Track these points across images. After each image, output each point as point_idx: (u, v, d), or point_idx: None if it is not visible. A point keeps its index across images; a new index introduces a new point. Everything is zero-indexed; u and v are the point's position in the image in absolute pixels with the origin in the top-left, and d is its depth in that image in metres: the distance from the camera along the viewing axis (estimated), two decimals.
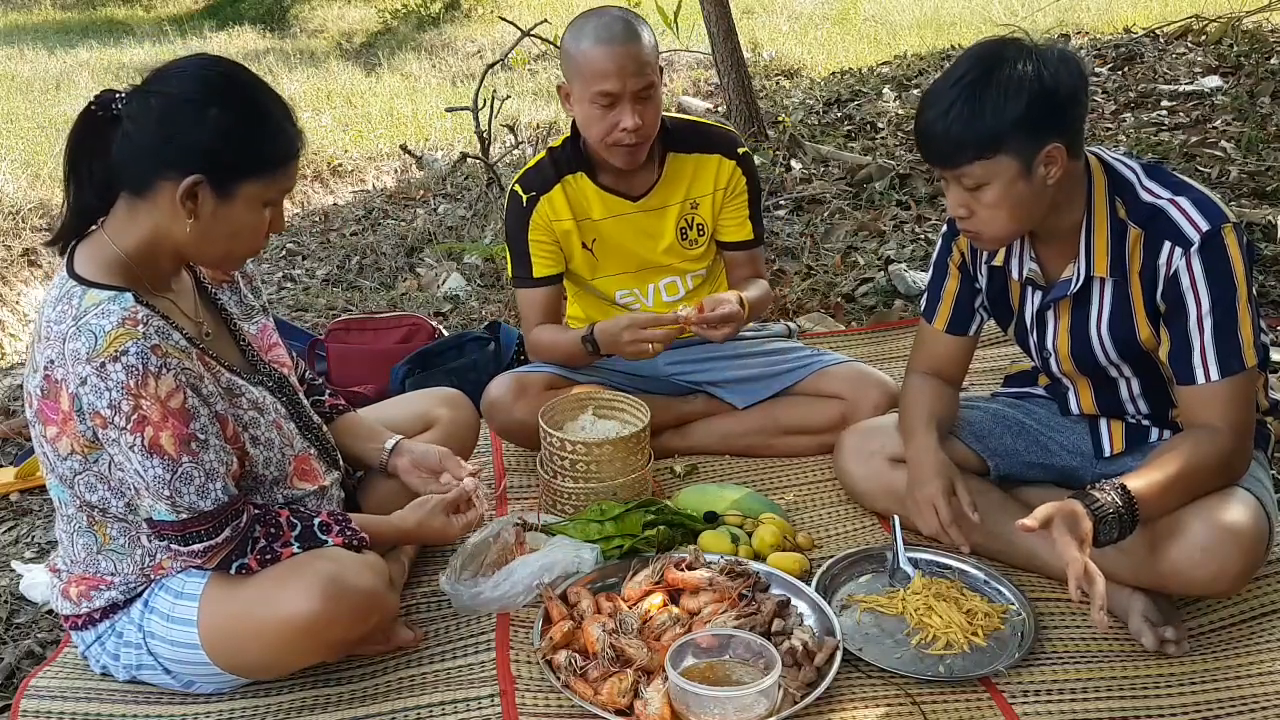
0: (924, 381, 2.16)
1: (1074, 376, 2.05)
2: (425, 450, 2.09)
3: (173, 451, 1.58)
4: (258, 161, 1.63)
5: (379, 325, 3.26)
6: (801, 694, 1.72)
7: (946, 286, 2.15)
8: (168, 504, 1.61)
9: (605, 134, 2.34)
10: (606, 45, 2.28)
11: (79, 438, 1.62)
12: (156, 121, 1.58)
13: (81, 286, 1.61)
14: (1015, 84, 1.72)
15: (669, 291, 2.63)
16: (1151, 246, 1.82)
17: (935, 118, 1.76)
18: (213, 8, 14.62)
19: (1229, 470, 1.83)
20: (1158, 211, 1.82)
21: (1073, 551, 1.62)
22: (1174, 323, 1.83)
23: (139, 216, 1.64)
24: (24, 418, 3.13)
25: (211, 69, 1.64)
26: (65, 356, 1.57)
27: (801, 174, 5.04)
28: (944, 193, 1.89)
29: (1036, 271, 1.97)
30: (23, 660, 2.07)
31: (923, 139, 1.82)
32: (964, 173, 1.78)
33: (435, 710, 1.78)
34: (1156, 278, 1.83)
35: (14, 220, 4.95)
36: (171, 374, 1.58)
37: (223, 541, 1.66)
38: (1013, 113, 1.72)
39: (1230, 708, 1.72)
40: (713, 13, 5.41)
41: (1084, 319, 1.95)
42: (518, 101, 7.34)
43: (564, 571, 2.04)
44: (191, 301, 1.80)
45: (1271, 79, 5.54)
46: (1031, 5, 8.69)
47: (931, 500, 1.94)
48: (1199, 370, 1.81)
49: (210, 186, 1.60)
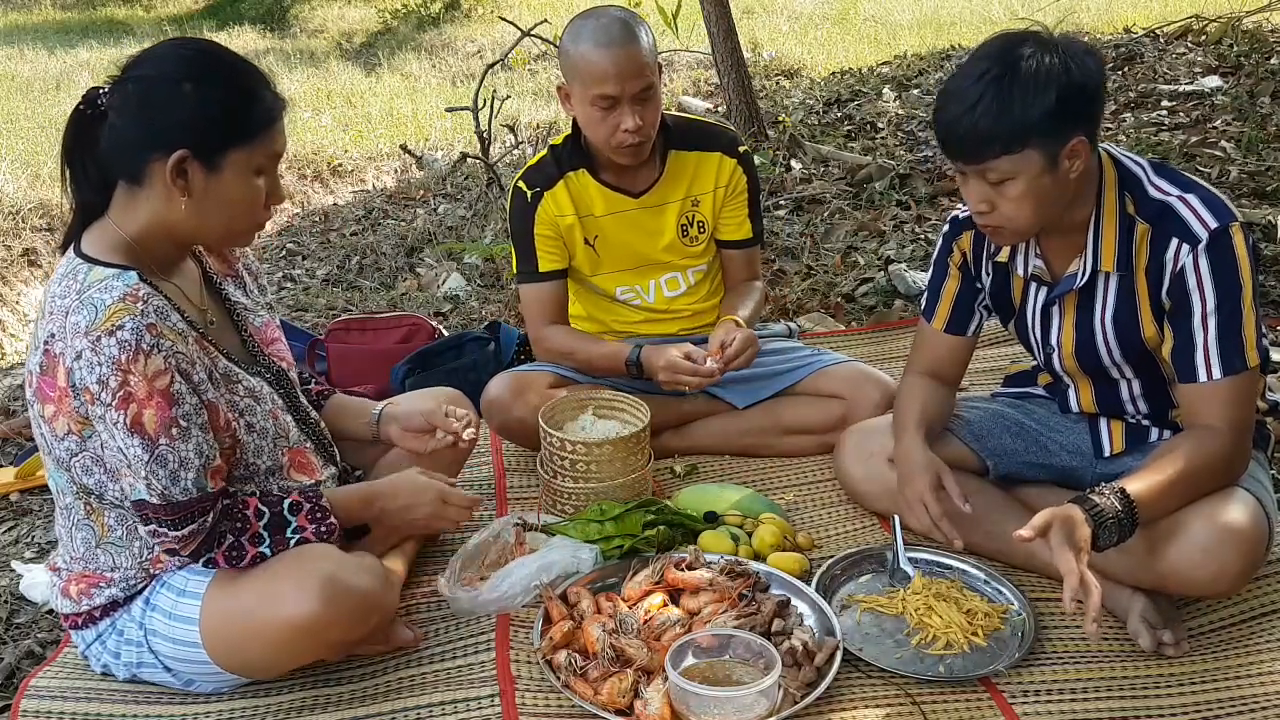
0: (918, 382, 2.16)
1: (1075, 374, 2.05)
2: (408, 414, 2.08)
3: (152, 432, 1.59)
4: (239, 129, 1.64)
5: (379, 325, 3.26)
6: (801, 694, 1.72)
7: (946, 286, 2.14)
8: (145, 484, 1.62)
9: (608, 136, 2.36)
10: (605, 48, 2.28)
11: (74, 415, 1.63)
12: (136, 106, 1.62)
13: (88, 264, 1.64)
14: (1044, 76, 1.70)
15: (670, 287, 2.63)
16: (1159, 243, 1.82)
17: (961, 112, 1.74)
18: (213, 8, 14.62)
19: (1229, 471, 1.83)
20: (1166, 208, 1.81)
21: (1070, 561, 1.61)
22: (1178, 320, 1.83)
23: (138, 203, 1.67)
24: (24, 418, 3.14)
25: (183, 47, 1.68)
26: (66, 330, 1.59)
27: (801, 174, 5.04)
28: (960, 189, 1.87)
29: (1042, 268, 1.97)
30: (23, 660, 2.07)
31: (947, 134, 1.79)
32: (989, 167, 1.76)
33: (435, 710, 1.78)
34: (1163, 274, 1.82)
35: (14, 220, 4.95)
36: (162, 355, 1.59)
37: (188, 534, 1.67)
38: (1042, 105, 1.70)
39: (1230, 708, 1.72)
40: (713, 13, 5.41)
41: (1089, 314, 1.95)
42: (518, 101, 7.34)
43: (563, 572, 2.04)
44: (198, 290, 1.81)
45: (1271, 79, 5.54)
46: (1031, 5, 8.69)
47: (920, 496, 1.94)
48: (1201, 368, 1.81)
49: (197, 160, 1.62)
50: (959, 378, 2.23)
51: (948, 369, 2.18)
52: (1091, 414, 2.09)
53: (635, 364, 2.43)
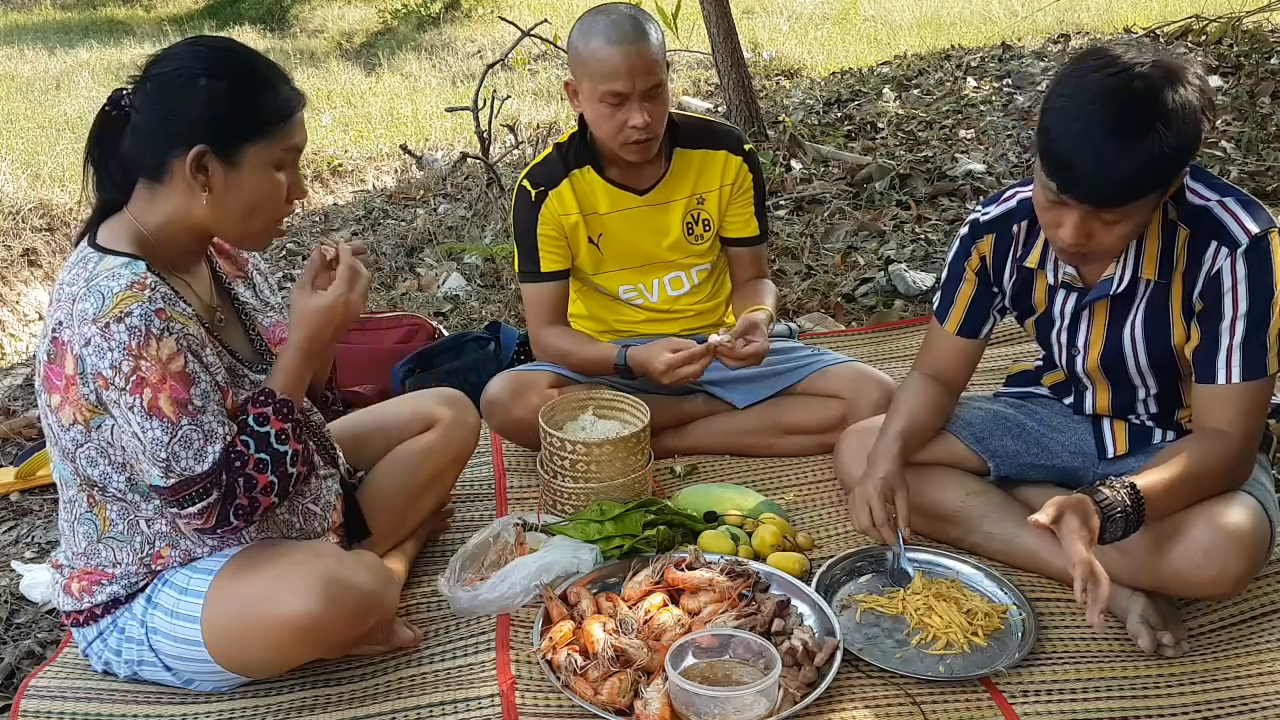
0: (919, 383, 2.15)
1: (1096, 378, 2.03)
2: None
3: (171, 414, 1.60)
4: (256, 123, 1.66)
5: (379, 325, 3.26)
6: (801, 694, 1.72)
7: (961, 290, 2.11)
8: (162, 468, 1.62)
9: (616, 132, 2.36)
10: (616, 45, 2.29)
11: (81, 404, 1.63)
12: (155, 103, 1.64)
13: (99, 253, 1.66)
14: (1179, 118, 1.62)
15: (674, 286, 2.63)
16: (1197, 245, 1.80)
17: (1098, 162, 1.62)
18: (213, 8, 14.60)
19: (1232, 477, 1.82)
20: (1205, 212, 1.80)
21: (1080, 551, 1.61)
22: (1207, 321, 1.81)
23: (158, 200, 1.68)
24: (24, 417, 3.15)
25: (199, 44, 1.71)
26: (73, 318, 1.60)
27: (801, 174, 5.04)
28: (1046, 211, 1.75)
29: (1073, 274, 1.93)
30: (23, 660, 2.07)
31: (1075, 180, 1.66)
32: (1115, 210, 1.68)
33: (435, 710, 1.78)
34: (1198, 276, 1.81)
35: (14, 220, 4.95)
36: (174, 338, 1.61)
37: (214, 501, 1.66)
38: (1182, 155, 1.65)
39: (1230, 708, 1.72)
40: (713, 13, 5.41)
41: (1120, 321, 1.92)
42: (518, 101, 7.34)
43: (563, 572, 2.04)
44: (207, 288, 1.82)
45: (1271, 79, 5.54)
46: (1031, 5, 8.69)
47: (868, 498, 1.94)
48: (1221, 370, 1.80)
49: (216, 156, 1.64)
50: (964, 381, 2.21)
51: (954, 371, 2.17)
52: (1100, 415, 2.09)
53: (623, 366, 2.43)
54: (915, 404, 2.10)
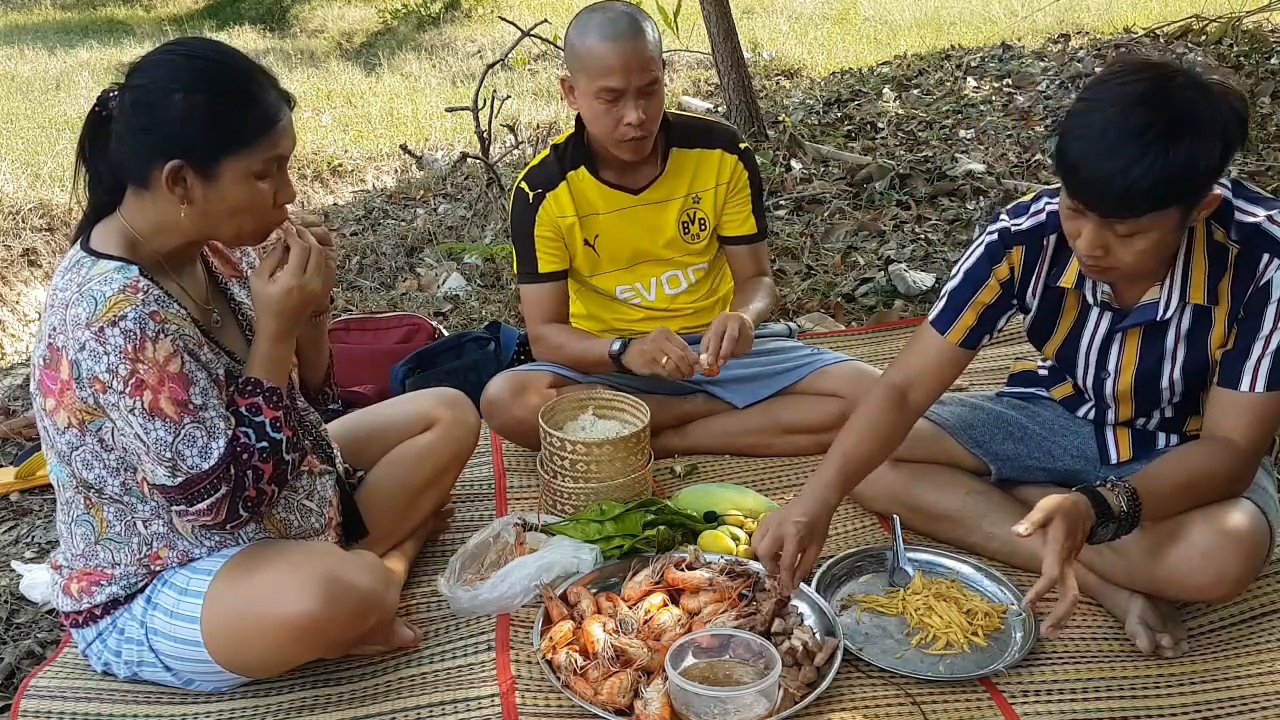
0: (881, 404, 1.97)
1: (1124, 399, 1.98)
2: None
3: (173, 414, 1.60)
4: (231, 137, 1.62)
5: (379, 325, 3.26)
6: (801, 694, 1.72)
7: (978, 298, 1.95)
8: (168, 467, 1.62)
9: (611, 129, 2.37)
10: (612, 41, 2.29)
11: (76, 408, 1.63)
12: (133, 114, 1.63)
13: (92, 257, 1.65)
14: (1206, 133, 1.57)
15: (671, 285, 2.64)
16: (1248, 260, 1.75)
17: (1115, 169, 1.56)
18: (213, 7, 14.60)
19: (1232, 488, 1.81)
20: (1256, 228, 1.75)
21: (1054, 565, 1.58)
22: (1245, 327, 1.78)
23: (145, 206, 1.68)
24: (24, 418, 3.15)
25: (175, 53, 1.66)
26: (66, 323, 1.60)
27: (801, 174, 5.04)
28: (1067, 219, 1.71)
29: (1110, 294, 1.87)
30: (23, 660, 2.07)
31: (1091, 187, 1.61)
32: (1130, 222, 1.63)
33: (435, 710, 1.78)
34: (1247, 288, 1.76)
35: (14, 220, 4.94)
36: (169, 339, 1.60)
37: (223, 495, 1.66)
38: (1205, 167, 1.58)
39: (1230, 708, 1.72)
40: (713, 13, 5.41)
41: (1158, 344, 1.87)
42: (518, 101, 7.34)
43: (563, 572, 2.04)
44: (202, 290, 1.82)
45: (1271, 79, 5.54)
46: (1031, 5, 8.70)
47: (783, 535, 1.80)
48: (1247, 377, 1.77)
49: (193, 169, 1.62)
50: (937, 396, 2.04)
51: (930, 383, 2.00)
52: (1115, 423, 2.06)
53: (618, 357, 2.42)
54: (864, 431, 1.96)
